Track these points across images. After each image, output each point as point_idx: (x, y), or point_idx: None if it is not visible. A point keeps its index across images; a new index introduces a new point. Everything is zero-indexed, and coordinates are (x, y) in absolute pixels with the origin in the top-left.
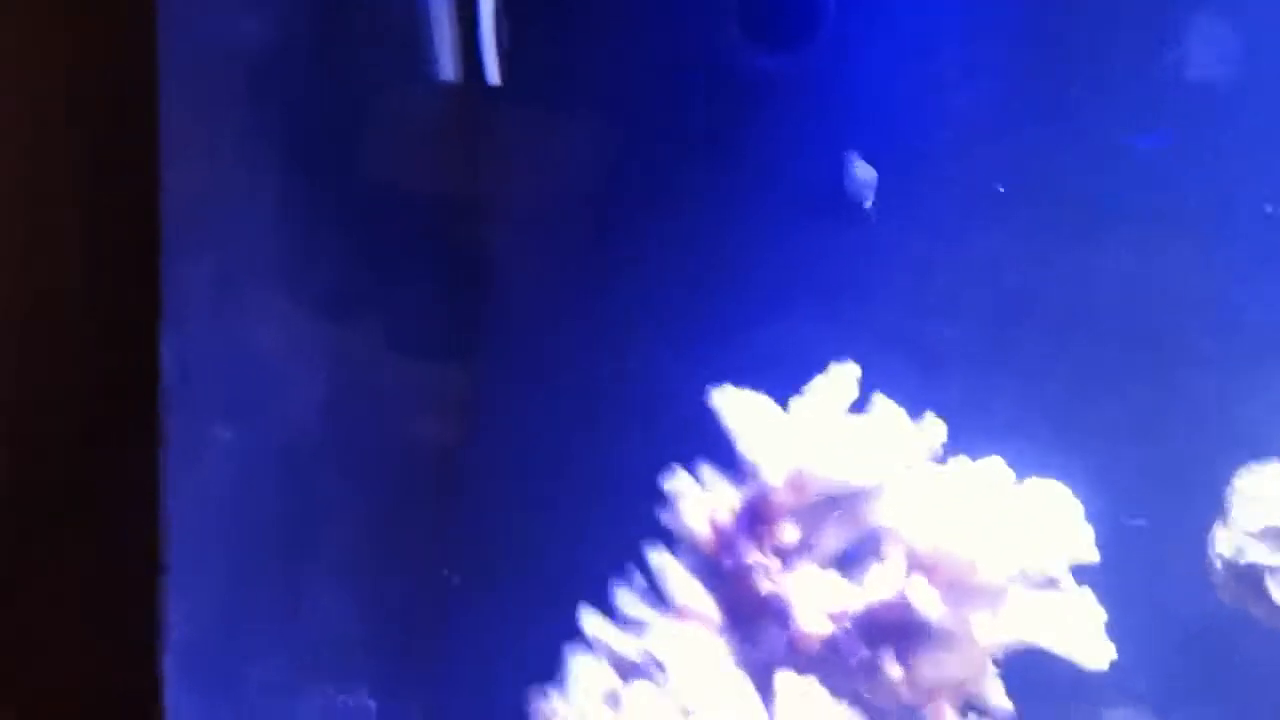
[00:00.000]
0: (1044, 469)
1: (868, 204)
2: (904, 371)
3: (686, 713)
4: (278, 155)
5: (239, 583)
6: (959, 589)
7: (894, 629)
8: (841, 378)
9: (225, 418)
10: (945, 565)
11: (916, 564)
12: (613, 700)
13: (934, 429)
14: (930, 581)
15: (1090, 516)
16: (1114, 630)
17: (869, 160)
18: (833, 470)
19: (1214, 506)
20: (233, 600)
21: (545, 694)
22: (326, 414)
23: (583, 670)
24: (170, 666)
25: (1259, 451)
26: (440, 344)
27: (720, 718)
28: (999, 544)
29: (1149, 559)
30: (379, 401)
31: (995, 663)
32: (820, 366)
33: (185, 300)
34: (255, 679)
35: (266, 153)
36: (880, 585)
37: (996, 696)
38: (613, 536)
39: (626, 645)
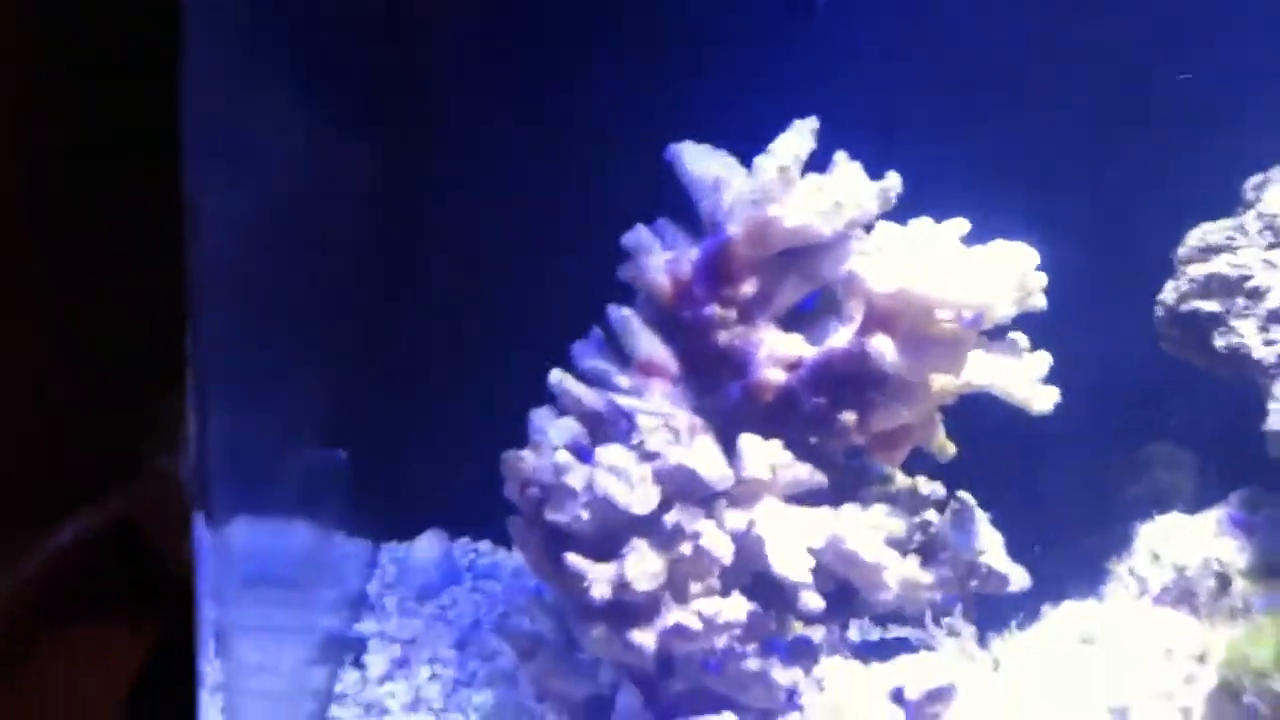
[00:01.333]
0: (1001, 231)
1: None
2: (866, 141)
3: (649, 457)
4: None
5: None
6: (916, 339)
7: (851, 379)
8: (801, 133)
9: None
10: (904, 316)
11: (875, 316)
12: (580, 451)
13: (892, 183)
14: (888, 332)
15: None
16: (1058, 378)
17: None
18: (795, 221)
19: (1166, 265)
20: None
21: (516, 452)
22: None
23: (550, 425)
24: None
25: (1211, 213)
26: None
27: (683, 460)
28: (955, 295)
29: (1097, 311)
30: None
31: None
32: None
33: None
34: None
35: None
36: (839, 336)
37: (941, 441)
38: (577, 299)
39: (592, 398)
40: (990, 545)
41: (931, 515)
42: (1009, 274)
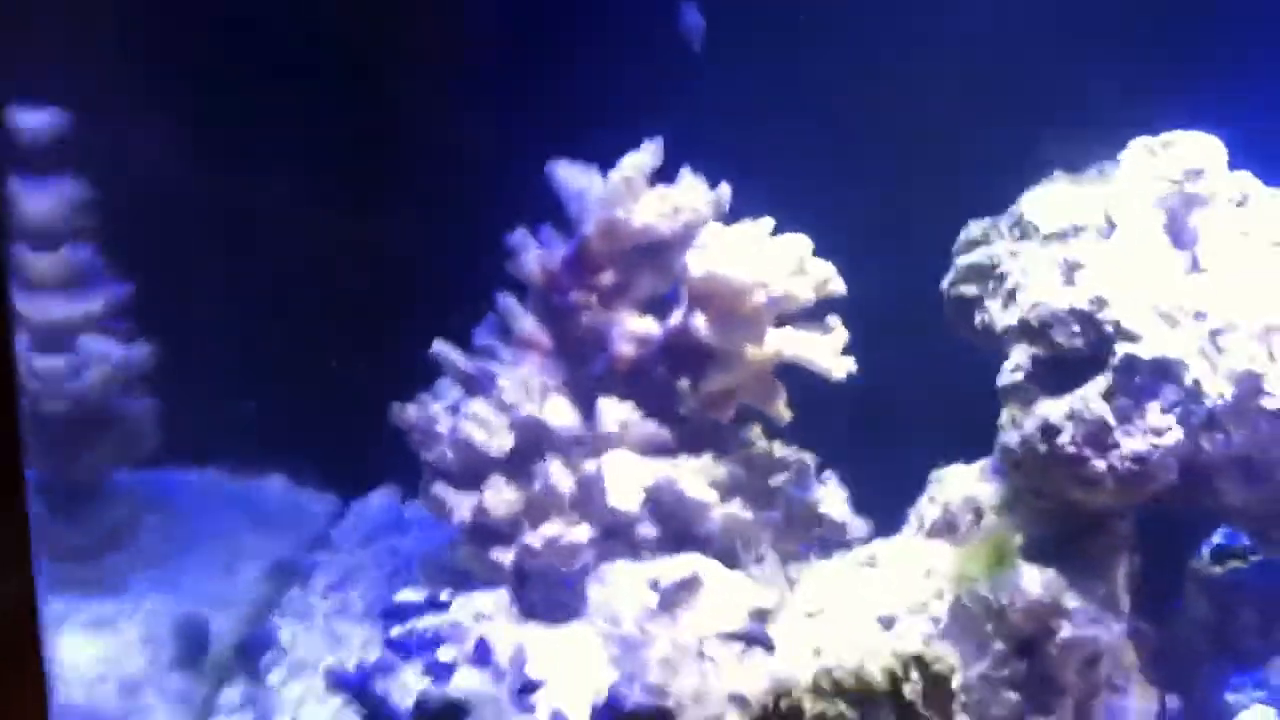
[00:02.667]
0: (803, 227)
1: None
2: (716, 165)
3: (506, 409)
4: None
5: None
6: (726, 317)
7: (685, 352)
8: (648, 150)
9: None
10: (716, 298)
11: (694, 299)
12: (452, 409)
13: (723, 193)
14: (705, 313)
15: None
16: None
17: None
18: (640, 222)
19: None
20: None
21: (402, 405)
22: None
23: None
24: None
25: (988, 210)
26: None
27: (533, 412)
28: (764, 282)
29: (890, 297)
30: None
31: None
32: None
33: None
34: None
35: None
36: (674, 317)
37: (779, 408)
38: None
39: (464, 363)
40: (831, 499)
41: (773, 470)
42: (790, 259)
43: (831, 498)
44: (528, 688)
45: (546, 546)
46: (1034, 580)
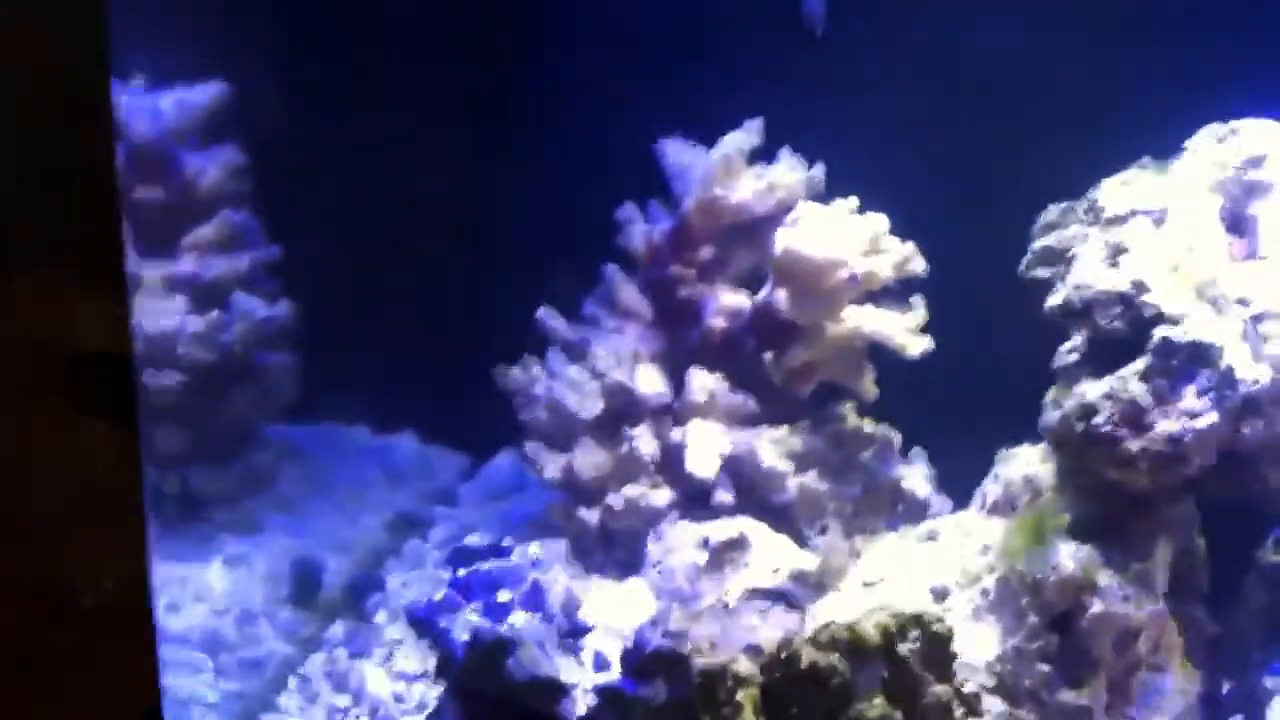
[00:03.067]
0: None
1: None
2: (818, 143)
3: (599, 375)
4: None
5: None
6: (805, 293)
7: (771, 327)
8: (749, 130)
9: None
10: (797, 275)
11: (780, 276)
12: (550, 373)
13: (816, 173)
14: (787, 289)
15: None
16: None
17: None
18: (737, 199)
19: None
20: None
21: (504, 368)
22: None
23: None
24: None
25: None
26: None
27: (622, 379)
28: (842, 260)
29: (980, 279)
30: None
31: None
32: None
33: None
34: None
35: None
36: (762, 292)
37: (866, 385)
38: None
39: (565, 330)
40: (913, 476)
41: (858, 446)
42: (869, 238)
43: (914, 475)
44: (576, 631)
45: (627, 507)
46: (1069, 556)
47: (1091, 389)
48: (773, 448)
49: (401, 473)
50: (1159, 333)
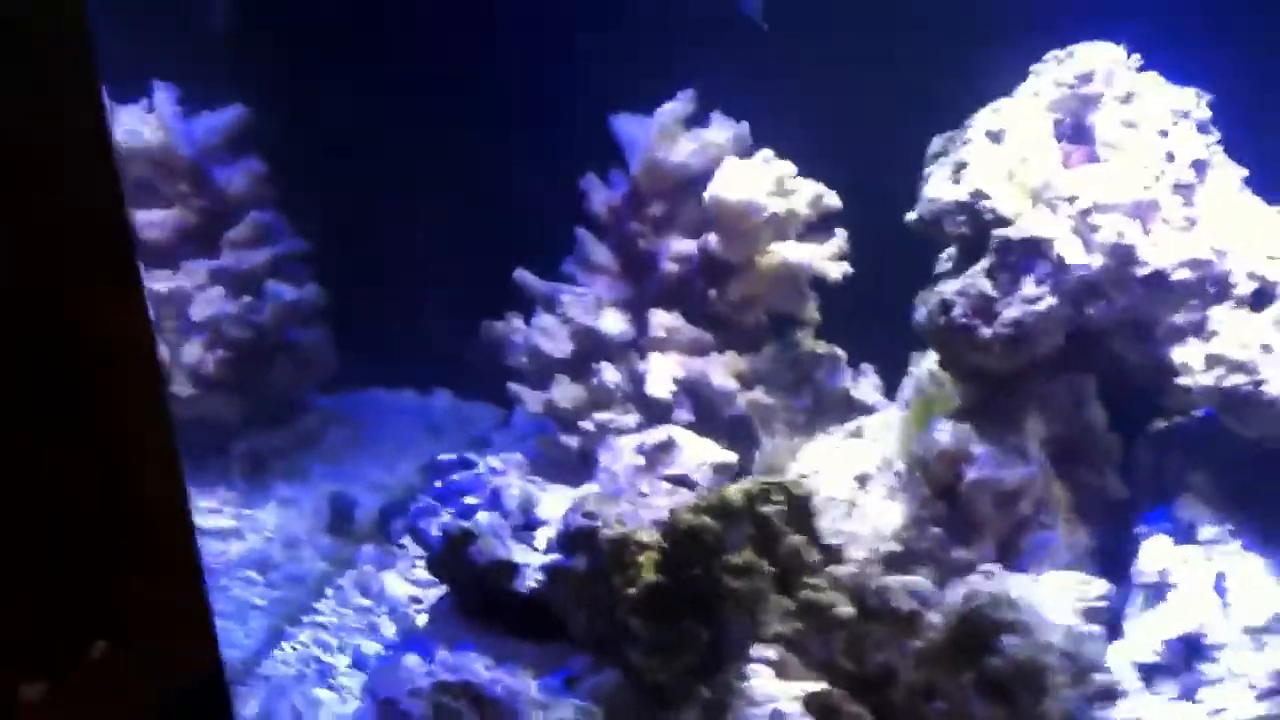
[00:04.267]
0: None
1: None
2: (748, 106)
3: (568, 321)
4: None
5: None
6: (735, 235)
7: (714, 268)
8: (683, 100)
9: None
10: (724, 218)
11: (710, 219)
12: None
13: (742, 131)
14: (719, 233)
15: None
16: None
17: None
18: (676, 160)
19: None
20: None
21: (490, 322)
22: None
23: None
24: None
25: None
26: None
27: (588, 323)
28: (757, 202)
29: (881, 208)
30: None
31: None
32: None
33: None
34: None
35: None
36: (706, 240)
37: (808, 311)
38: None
39: (539, 285)
40: (864, 387)
41: (810, 365)
42: (777, 181)
43: (864, 386)
44: (531, 525)
45: (600, 430)
46: (946, 433)
47: (947, 287)
48: (723, 370)
49: (439, 426)
50: (997, 233)
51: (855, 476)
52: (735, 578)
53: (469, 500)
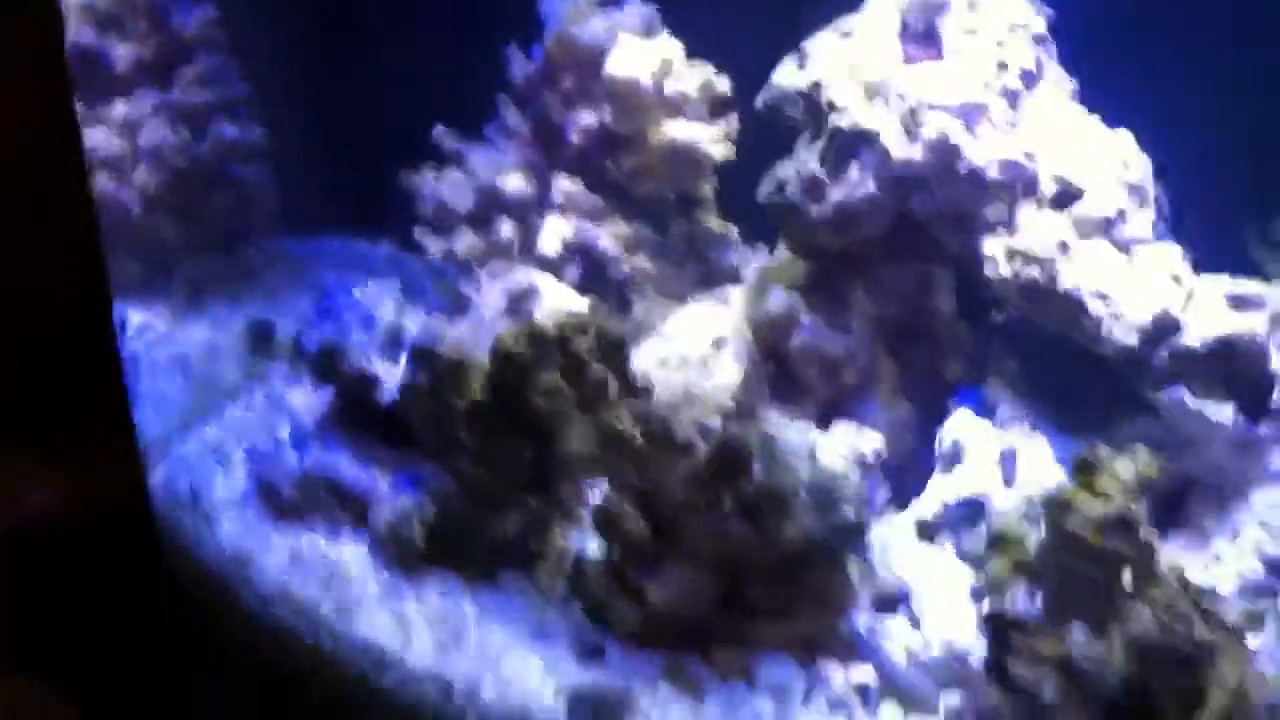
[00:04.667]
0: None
1: None
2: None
3: (474, 178)
4: None
5: None
6: (627, 109)
7: (610, 140)
8: None
9: None
10: (618, 94)
11: (609, 96)
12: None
13: (647, 13)
14: (613, 107)
15: None
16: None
17: None
18: (585, 38)
19: None
20: None
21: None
22: None
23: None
24: None
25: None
26: None
27: (490, 180)
28: (643, 80)
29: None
30: None
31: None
32: None
33: None
34: None
35: None
36: (603, 114)
37: (702, 189)
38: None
39: (451, 143)
40: (752, 264)
41: (698, 238)
42: (665, 62)
43: (757, 261)
44: (396, 343)
45: (494, 278)
46: (777, 302)
47: (783, 169)
48: (612, 237)
49: (379, 272)
50: (830, 120)
51: (713, 340)
52: (542, 399)
53: (345, 318)
